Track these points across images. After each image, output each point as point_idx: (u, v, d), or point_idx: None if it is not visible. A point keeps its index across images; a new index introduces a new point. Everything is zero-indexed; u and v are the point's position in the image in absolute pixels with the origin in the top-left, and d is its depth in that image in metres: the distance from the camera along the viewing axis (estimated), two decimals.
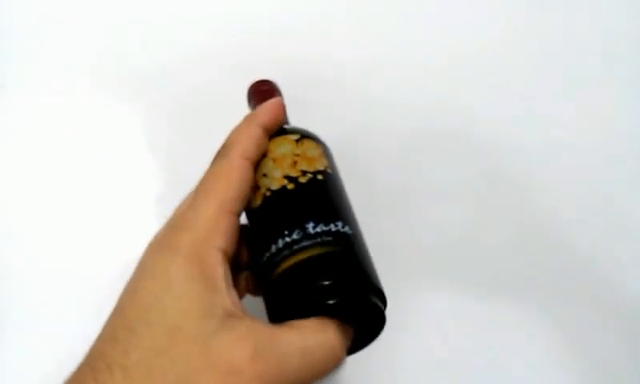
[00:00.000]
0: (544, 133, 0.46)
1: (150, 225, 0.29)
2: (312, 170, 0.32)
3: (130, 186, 0.45)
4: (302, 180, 0.31)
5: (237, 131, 0.31)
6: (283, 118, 0.34)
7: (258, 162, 0.32)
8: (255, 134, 0.31)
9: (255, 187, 0.31)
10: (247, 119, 0.32)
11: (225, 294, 0.26)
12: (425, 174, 0.46)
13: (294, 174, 0.31)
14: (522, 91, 0.45)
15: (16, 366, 0.42)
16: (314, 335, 0.26)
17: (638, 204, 0.46)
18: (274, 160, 0.32)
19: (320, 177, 0.31)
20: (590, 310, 0.46)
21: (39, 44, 0.44)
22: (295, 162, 0.32)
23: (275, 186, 0.31)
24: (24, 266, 0.44)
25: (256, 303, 0.30)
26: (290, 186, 0.31)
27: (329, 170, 0.33)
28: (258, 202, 0.31)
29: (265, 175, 0.32)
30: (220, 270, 0.26)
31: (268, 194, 0.31)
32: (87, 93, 0.44)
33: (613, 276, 0.47)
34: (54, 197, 0.45)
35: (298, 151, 0.32)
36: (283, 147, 0.33)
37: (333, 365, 0.26)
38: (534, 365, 0.47)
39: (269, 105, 0.33)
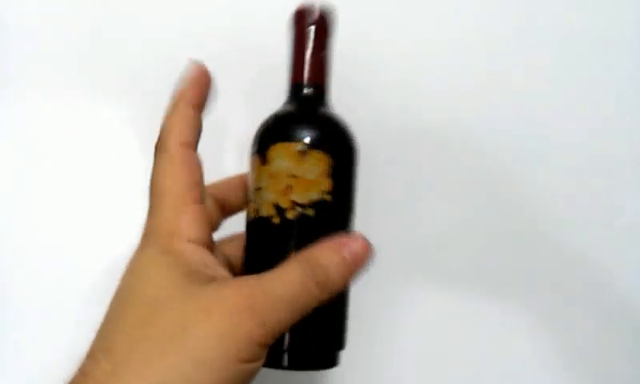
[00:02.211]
0: (543, 134, 0.46)
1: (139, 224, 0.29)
2: (304, 201, 0.29)
3: (127, 186, 0.45)
4: (290, 215, 0.29)
5: (167, 118, 0.29)
6: (209, 86, 0.30)
7: (257, 163, 0.30)
8: (186, 115, 0.29)
9: (251, 190, 0.30)
10: (173, 101, 0.29)
11: (204, 271, 0.26)
12: (422, 173, 0.46)
13: (283, 204, 0.29)
14: (521, 92, 0.45)
15: (15, 367, 0.43)
16: (295, 267, 0.26)
17: (637, 205, 0.46)
18: (270, 175, 0.29)
19: (310, 213, 0.29)
20: (587, 310, 0.47)
21: (36, 43, 0.44)
22: (289, 188, 0.29)
23: (263, 213, 0.29)
24: (18, 266, 0.44)
25: None
26: (276, 220, 0.29)
27: (325, 197, 0.29)
28: (250, 214, 0.31)
29: (259, 189, 0.30)
30: (195, 256, 0.26)
31: (256, 216, 0.30)
32: (81, 93, 0.44)
33: (611, 277, 0.47)
34: (53, 196, 0.45)
35: (296, 171, 0.29)
36: (282, 161, 0.29)
37: (323, 290, 0.26)
38: (531, 365, 0.46)
39: (190, 77, 0.30)
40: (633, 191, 0.46)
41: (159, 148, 0.29)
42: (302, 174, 0.29)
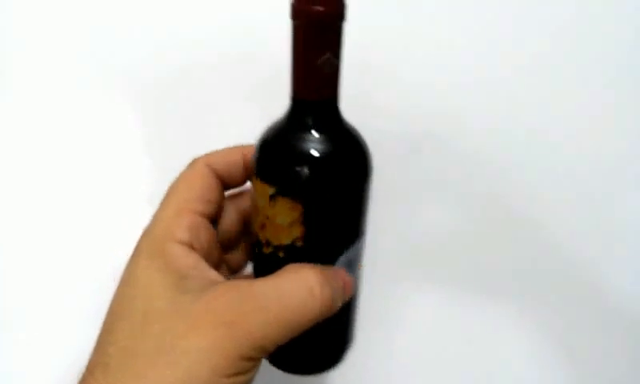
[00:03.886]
0: (540, 135, 0.46)
1: (143, 226, 0.29)
2: (275, 243, 0.27)
3: (125, 187, 0.45)
4: (265, 251, 0.28)
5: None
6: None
7: (252, 182, 0.29)
8: (230, 152, 0.31)
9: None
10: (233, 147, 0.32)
11: (195, 278, 0.26)
12: (419, 174, 0.46)
13: (260, 238, 0.28)
14: (520, 93, 0.45)
15: (13, 368, 0.43)
16: (288, 279, 0.26)
17: (633, 207, 0.46)
18: (254, 206, 0.29)
19: (281, 254, 0.28)
20: (585, 310, 0.47)
21: (31, 43, 0.44)
22: (264, 226, 0.28)
23: (252, 238, 0.30)
24: (15, 268, 0.44)
25: None
26: (256, 250, 0.29)
27: (297, 243, 0.27)
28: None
29: (253, 212, 0.30)
30: (186, 261, 0.26)
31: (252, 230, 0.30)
32: (80, 92, 0.44)
33: (607, 278, 0.47)
34: (50, 197, 0.45)
35: (268, 213, 0.27)
36: (259, 199, 0.27)
37: (314, 306, 0.25)
38: (529, 365, 0.47)
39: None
40: (632, 191, 0.46)
41: (189, 163, 0.30)
42: (272, 217, 0.27)
